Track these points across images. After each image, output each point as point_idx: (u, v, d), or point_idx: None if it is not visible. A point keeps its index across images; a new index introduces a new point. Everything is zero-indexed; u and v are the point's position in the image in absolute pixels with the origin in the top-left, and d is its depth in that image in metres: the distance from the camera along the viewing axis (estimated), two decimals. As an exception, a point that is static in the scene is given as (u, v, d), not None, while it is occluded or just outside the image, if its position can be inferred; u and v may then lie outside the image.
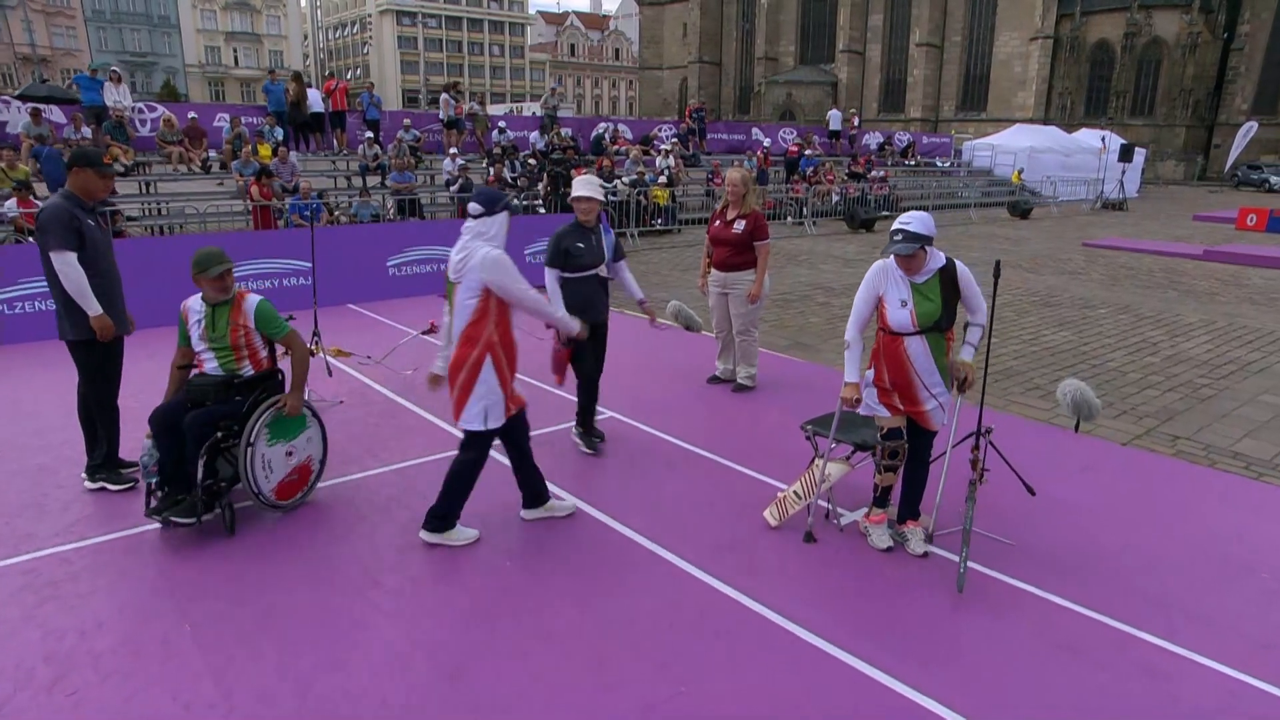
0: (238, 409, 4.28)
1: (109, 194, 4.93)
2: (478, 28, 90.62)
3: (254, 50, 71.77)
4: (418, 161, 18.80)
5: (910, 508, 4.23)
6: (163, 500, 4.16)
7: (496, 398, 3.99)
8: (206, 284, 4.21)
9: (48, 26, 60.40)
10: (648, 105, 70.41)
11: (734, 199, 6.50)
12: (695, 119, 24.66)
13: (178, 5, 67.20)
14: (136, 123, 17.12)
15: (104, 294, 4.57)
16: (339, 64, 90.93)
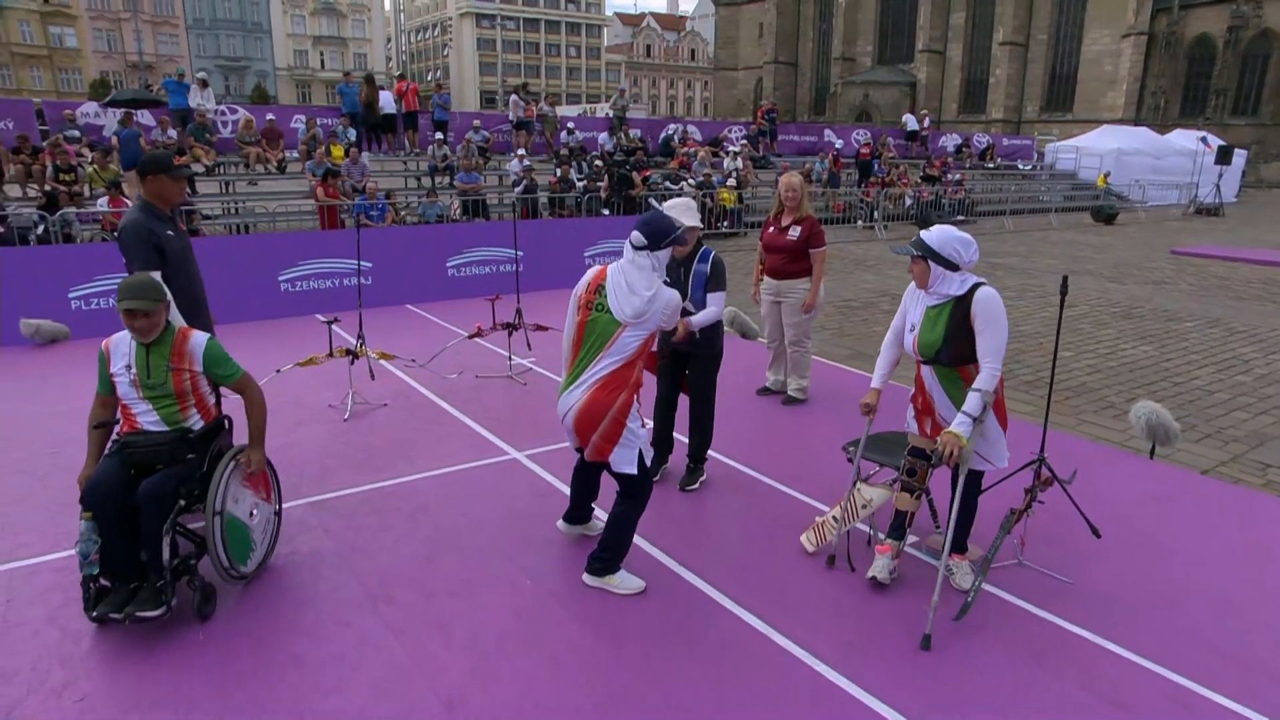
0: (195, 468, 3.59)
1: (184, 197, 4.79)
2: (555, 29, 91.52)
3: (339, 53, 73.87)
4: (486, 162, 18.97)
5: (957, 540, 3.94)
6: (113, 595, 3.36)
7: (644, 437, 3.71)
8: (130, 318, 3.43)
9: (154, 35, 63.49)
10: (722, 106, 69.96)
11: (789, 204, 6.27)
12: (767, 120, 24.30)
13: (270, 11, 69.70)
14: (219, 125, 17.69)
15: (186, 302, 4.53)
16: (420, 66, 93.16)
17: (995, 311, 3.41)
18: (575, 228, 13.46)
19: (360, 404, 6.43)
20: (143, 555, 3.38)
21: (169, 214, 4.63)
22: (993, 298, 3.44)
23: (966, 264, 3.47)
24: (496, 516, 4.56)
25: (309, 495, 4.82)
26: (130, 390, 3.53)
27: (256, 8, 69.09)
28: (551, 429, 5.94)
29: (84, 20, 61.66)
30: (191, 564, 3.51)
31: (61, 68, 61.44)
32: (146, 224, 4.41)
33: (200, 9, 66.25)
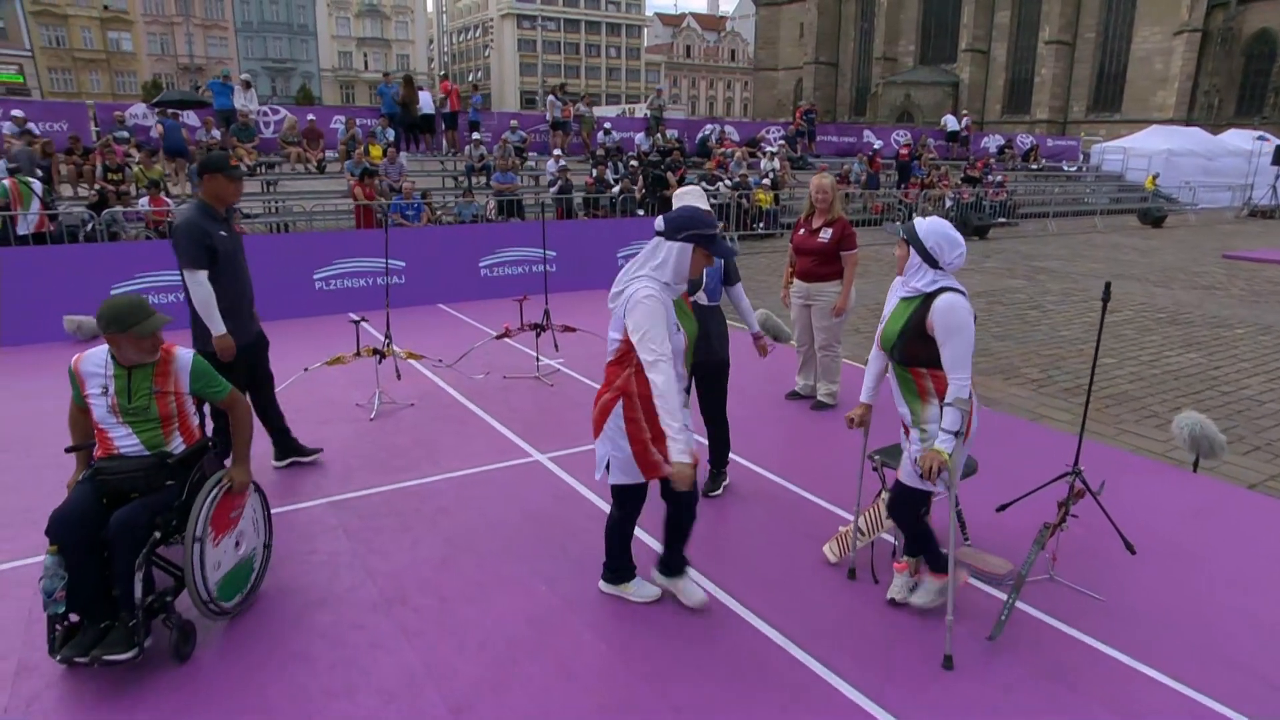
0: (172, 496, 3.30)
1: (239, 197, 4.87)
2: (595, 30, 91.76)
3: (383, 54, 74.84)
4: (523, 162, 19.05)
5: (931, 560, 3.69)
6: (82, 635, 3.07)
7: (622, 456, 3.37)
8: (129, 343, 3.19)
9: (204, 38, 65.05)
10: (761, 107, 69.57)
11: (820, 206, 6.16)
12: (805, 121, 24.08)
13: (315, 14, 70.88)
14: (261, 125, 18.00)
15: (229, 302, 4.61)
16: (461, 66, 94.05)
17: (954, 321, 3.16)
18: (608, 228, 13.44)
19: (387, 403, 6.45)
20: (115, 591, 3.10)
21: (224, 214, 4.69)
22: (953, 306, 3.18)
23: (947, 264, 3.26)
24: (515, 519, 4.53)
25: (331, 494, 4.84)
26: (108, 415, 3.25)
27: (303, 10, 70.31)
28: (574, 431, 5.91)
29: (139, 25, 63.31)
30: (168, 600, 3.22)
31: (118, 71, 63.13)
32: (200, 224, 4.49)
33: (249, 12, 67.64)
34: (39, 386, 6.94)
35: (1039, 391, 7.31)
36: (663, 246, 3.25)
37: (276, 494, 4.84)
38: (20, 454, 5.47)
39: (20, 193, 11.30)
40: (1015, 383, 7.55)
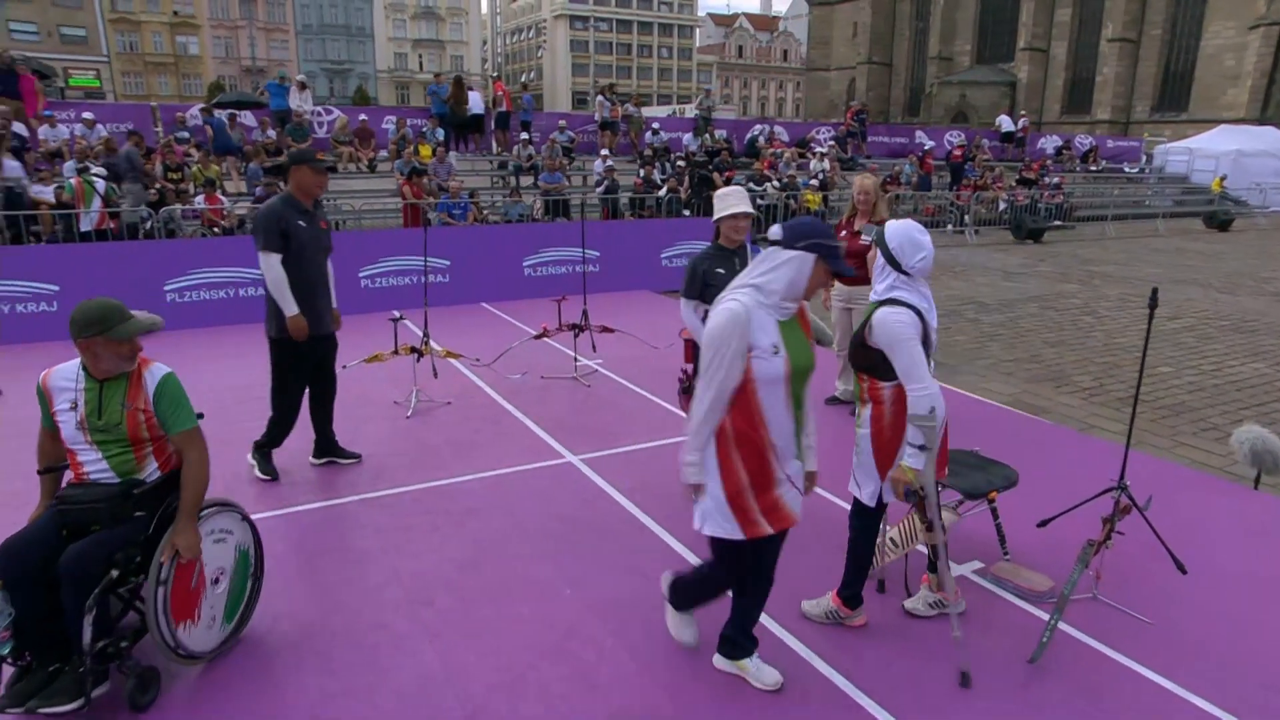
0: (139, 530, 2.99)
1: (323, 190, 4.99)
2: (647, 30, 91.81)
3: (438, 55, 75.81)
4: (571, 162, 19.11)
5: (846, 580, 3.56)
6: (29, 678, 2.79)
7: (718, 503, 2.85)
8: (105, 349, 2.86)
9: (267, 41, 66.77)
10: (813, 107, 68.86)
11: (863, 207, 6.04)
12: (856, 121, 23.74)
13: (373, 16, 72.18)
14: (315, 125, 18.32)
15: (303, 293, 4.77)
16: (514, 67, 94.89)
17: (889, 335, 3.04)
18: (652, 229, 13.39)
19: (424, 402, 6.49)
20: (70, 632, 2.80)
21: (308, 207, 4.83)
22: (887, 321, 3.05)
23: (909, 267, 3.11)
24: (544, 521, 4.50)
25: (362, 492, 4.87)
26: (76, 434, 2.94)
27: (360, 13, 71.63)
28: (608, 433, 5.87)
29: (206, 29, 65.20)
30: (124, 645, 2.91)
31: (185, 74, 65.09)
32: (280, 210, 4.68)
33: (309, 15, 69.15)
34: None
35: (1090, 400, 7.06)
36: (778, 256, 2.75)
37: (310, 489, 4.90)
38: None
39: (84, 191, 11.69)
40: (1066, 391, 7.31)
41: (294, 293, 4.77)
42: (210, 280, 9.61)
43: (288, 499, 4.76)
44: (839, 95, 63.69)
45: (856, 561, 3.50)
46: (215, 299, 9.64)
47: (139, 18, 62.17)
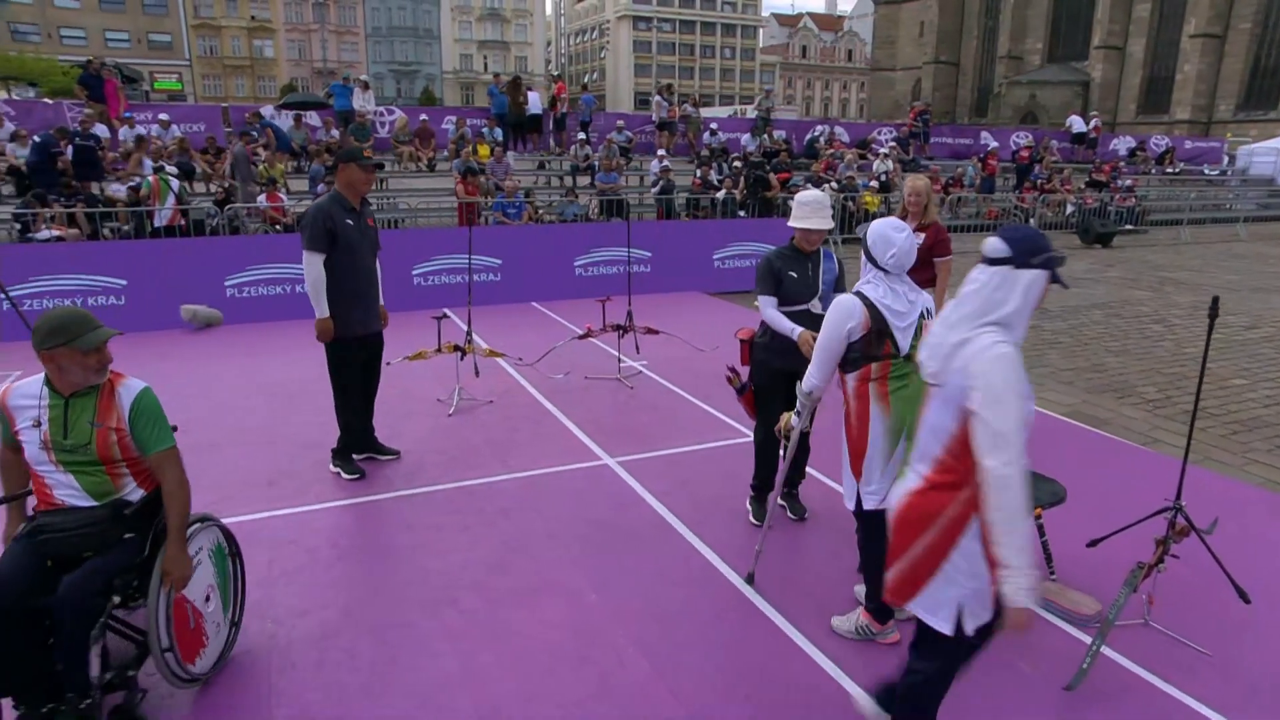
0: (134, 552, 2.81)
1: (371, 187, 4.96)
2: (710, 31, 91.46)
3: (502, 56, 76.74)
4: (628, 162, 19.11)
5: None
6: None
7: (980, 587, 2.31)
8: (71, 360, 2.63)
9: (338, 43, 68.58)
10: (877, 108, 67.71)
11: (913, 209, 5.84)
12: (919, 122, 23.23)
13: (440, 18, 73.45)
14: (377, 125, 18.68)
15: (351, 291, 4.80)
16: (577, 68, 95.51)
17: (828, 317, 3.16)
18: (706, 230, 13.27)
19: (466, 400, 6.51)
20: (59, 668, 2.60)
21: (356, 205, 4.84)
22: (836, 303, 3.16)
23: (884, 263, 3.09)
24: (575, 524, 4.46)
25: (398, 489, 4.89)
26: (41, 454, 2.69)
27: (428, 15, 72.96)
28: (646, 436, 5.80)
29: (280, 33, 67.25)
30: (130, 675, 2.79)
31: (260, 76, 67.20)
32: (328, 209, 4.70)
33: (378, 18, 70.71)
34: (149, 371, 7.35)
35: (1155, 413, 6.73)
36: (1008, 279, 2.27)
37: (346, 485, 4.95)
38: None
39: (160, 188, 12.10)
40: (1129, 402, 6.99)
41: (344, 290, 4.80)
42: (269, 276, 9.83)
43: (322, 494, 4.81)
44: (904, 96, 62.50)
45: (868, 571, 3.41)
46: (273, 294, 9.85)
47: (219, 23, 64.52)
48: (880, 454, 3.16)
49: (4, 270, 8.72)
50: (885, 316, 3.08)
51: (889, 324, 3.08)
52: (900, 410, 3.11)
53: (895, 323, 3.09)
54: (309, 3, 66.09)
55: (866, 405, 3.15)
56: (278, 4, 66.35)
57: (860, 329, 3.08)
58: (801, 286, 4.13)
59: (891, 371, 3.11)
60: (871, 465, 3.19)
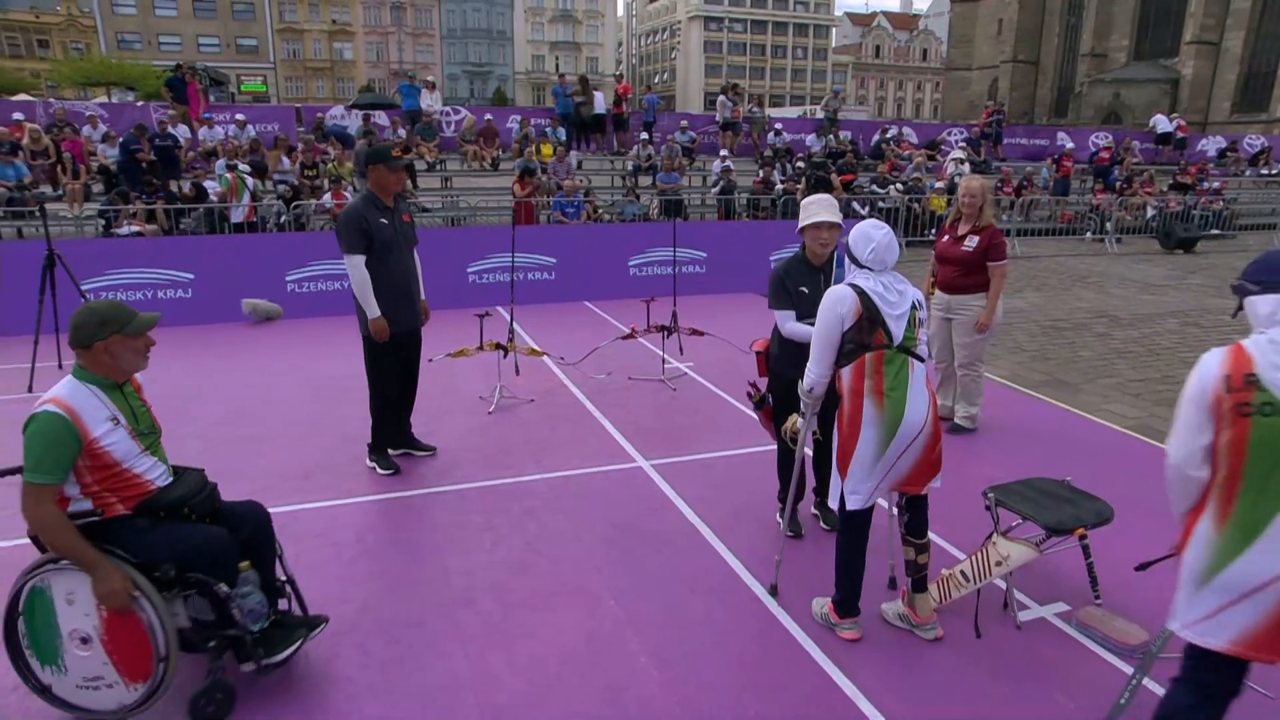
0: None
1: (401, 187, 4.96)
2: (782, 31, 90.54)
3: (573, 57, 77.31)
4: (691, 163, 19.03)
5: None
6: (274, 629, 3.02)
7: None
8: (124, 346, 2.77)
9: (414, 45, 70.13)
10: (951, 108, 65.96)
11: (968, 211, 5.63)
12: (992, 122, 22.53)
13: (513, 20, 74.44)
14: (443, 124, 18.98)
15: (390, 289, 4.83)
16: (648, 69, 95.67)
17: (821, 306, 3.21)
18: (765, 230, 13.10)
19: (507, 398, 6.51)
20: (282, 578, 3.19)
21: (390, 204, 4.86)
22: (828, 293, 3.22)
23: (864, 259, 3.18)
24: (602, 527, 4.40)
25: (429, 486, 4.91)
26: (132, 446, 2.82)
27: (502, 17, 73.98)
28: (685, 439, 5.71)
29: (360, 35, 69.10)
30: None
31: (339, 77, 69.15)
32: (361, 210, 4.73)
33: (453, 20, 72.01)
34: (208, 363, 7.58)
35: (1229, 430, 6.33)
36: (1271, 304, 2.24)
37: (376, 480, 5.01)
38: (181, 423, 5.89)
39: (236, 186, 12.53)
40: (1201, 418, 6.59)
41: (383, 288, 4.82)
42: (328, 272, 10.04)
43: (354, 489, 4.86)
44: (979, 96, 60.79)
45: (839, 566, 3.38)
46: (331, 290, 10.05)
47: (302, 27, 66.69)
48: (869, 455, 3.12)
49: (85, 264, 9.12)
50: (877, 304, 3.10)
51: (880, 312, 3.09)
52: (893, 411, 3.07)
53: (887, 311, 3.10)
54: (387, 6, 67.86)
55: (860, 403, 3.11)
56: (357, 8, 68.11)
57: (852, 316, 3.10)
58: (814, 302, 3.74)
59: (885, 363, 3.09)
60: (858, 465, 3.15)
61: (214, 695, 2.86)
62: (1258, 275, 2.29)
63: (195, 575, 2.81)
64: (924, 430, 3.16)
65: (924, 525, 3.39)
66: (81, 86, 46.59)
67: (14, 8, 60.11)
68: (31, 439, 2.62)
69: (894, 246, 3.17)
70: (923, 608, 3.43)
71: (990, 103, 25.70)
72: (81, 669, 2.78)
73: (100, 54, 53.87)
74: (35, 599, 2.75)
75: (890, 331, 3.10)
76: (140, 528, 2.83)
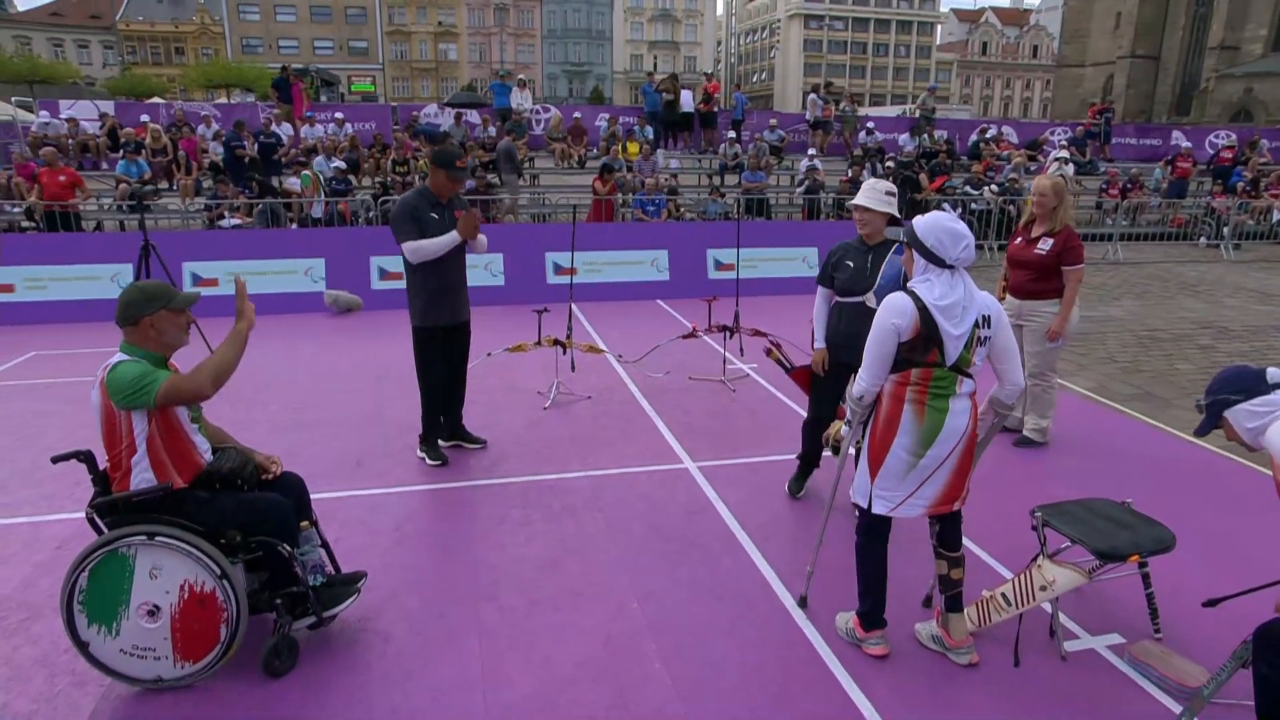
0: None
1: (456, 192, 5.09)
2: (884, 29, 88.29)
3: (671, 57, 77.37)
4: (778, 162, 18.76)
5: None
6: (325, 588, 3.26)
7: None
8: (169, 322, 2.91)
9: (515, 46, 71.66)
10: (1061, 107, 62.88)
11: (1041, 212, 5.32)
12: (1100, 120, 21.36)
13: (613, 19, 75.08)
14: (532, 122, 19.25)
15: (438, 283, 4.96)
16: (746, 68, 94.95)
17: (877, 315, 2.98)
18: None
19: (564, 395, 6.53)
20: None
21: (444, 201, 4.98)
22: (885, 301, 2.97)
23: (955, 260, 2.90)
24: (638, 528, 4.34)
25: (474, 479, 4.95)
26: (187, 420, 3.01)
27: (602, 17, 74.70)
28: (736, 442, 5.59)
29: (464, 37, 71.05)
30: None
31: (443, 77, 71.23)
32: (415, 202, 4.87)
33: (554, 20, 73.14)
34: (286, 351, 7.88)
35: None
36: None
37: (424, 471, 5.08)
38: (252, 407, 6.14)
39: (317, 183, 13.03)
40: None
41: (430, 282, 4.93)
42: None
43: (402, 478, 4.94)
44: (1093, 93, 57.81)
45: (860, 575, 3.26)
46: (408, 284, 10.29)
47: (410, 29, 69.04)
48: (901, 462, 2.99)
49: (188, 252, 9.65)
50: (937, 321, 2.86)
51: (939, 330, 2.87)
52: (933, 420, 2.92)
53: (948, 329, 2.87)
54: (491, 7, 69.46)
55: (899, 407, 2.98)
56: (462, 9, 69.94)
57: (909, 331, 2.89)
58: (857, 277, 4.17)
59: (932, 381, 2.91)
60: (889, 472, 3.02)
61: (283, 650, 3.09)
62: None
63: (260, 539, 3.03)
64: (960, 443, 2.99)
65: (958, 538, 3.21)
66: (207, 89, 49.65)
67: (158, 20, 65.23)
68: (126, 372, 2.78)
69: (971, 245, 2.91)
70: (957, 630, 3.23)
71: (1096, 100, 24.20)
72: (136, 637, 2.93)
73: (226, 59, 57.37)
74: (111, 562, 2.87)
75: (945, 352, 2.90)
76: (203, 499, 2.99)
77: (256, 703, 2.96)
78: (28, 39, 62.28)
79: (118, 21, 65.65)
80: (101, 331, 6.13)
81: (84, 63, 63.33)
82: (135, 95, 39.63)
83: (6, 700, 2.95)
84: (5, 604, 3.56)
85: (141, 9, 66.90)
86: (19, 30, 62.48)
